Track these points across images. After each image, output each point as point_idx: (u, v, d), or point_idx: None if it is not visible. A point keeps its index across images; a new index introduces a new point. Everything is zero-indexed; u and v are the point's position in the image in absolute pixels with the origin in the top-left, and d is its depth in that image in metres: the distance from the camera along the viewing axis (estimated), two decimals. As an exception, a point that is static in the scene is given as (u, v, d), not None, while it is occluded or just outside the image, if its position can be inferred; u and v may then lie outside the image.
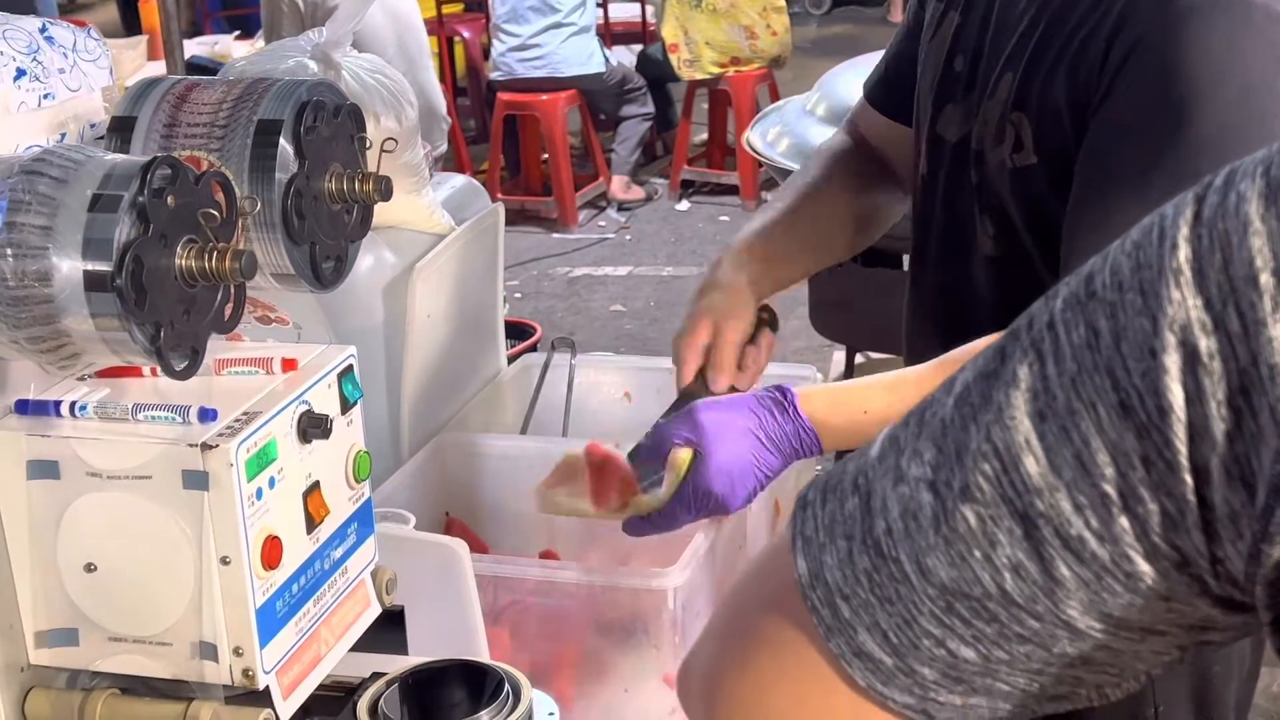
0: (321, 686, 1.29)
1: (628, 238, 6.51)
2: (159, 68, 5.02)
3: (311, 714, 1.29)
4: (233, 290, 1.08)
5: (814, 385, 1.45)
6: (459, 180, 2.00)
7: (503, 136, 6.75)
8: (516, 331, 3.48)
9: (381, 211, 1.77)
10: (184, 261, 1.02)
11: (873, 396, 1.43)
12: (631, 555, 1.74)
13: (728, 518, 1.53)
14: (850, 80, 3.17)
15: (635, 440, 1.52)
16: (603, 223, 6.71)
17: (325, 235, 1.22)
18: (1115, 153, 1.33)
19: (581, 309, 5.65)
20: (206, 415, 1.11)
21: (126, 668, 1.16)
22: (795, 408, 1.41)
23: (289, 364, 1.20)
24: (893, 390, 1.43)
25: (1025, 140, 1.40)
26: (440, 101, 5.18)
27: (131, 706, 1.17)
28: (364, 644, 1.33)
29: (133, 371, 1.17)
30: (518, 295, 5.79)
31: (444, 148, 5.16)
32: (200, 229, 1.03)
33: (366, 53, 5.45)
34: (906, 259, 3.49)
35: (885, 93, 1.75)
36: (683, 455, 1.41)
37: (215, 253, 1.02)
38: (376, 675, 1.31)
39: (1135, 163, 1.31)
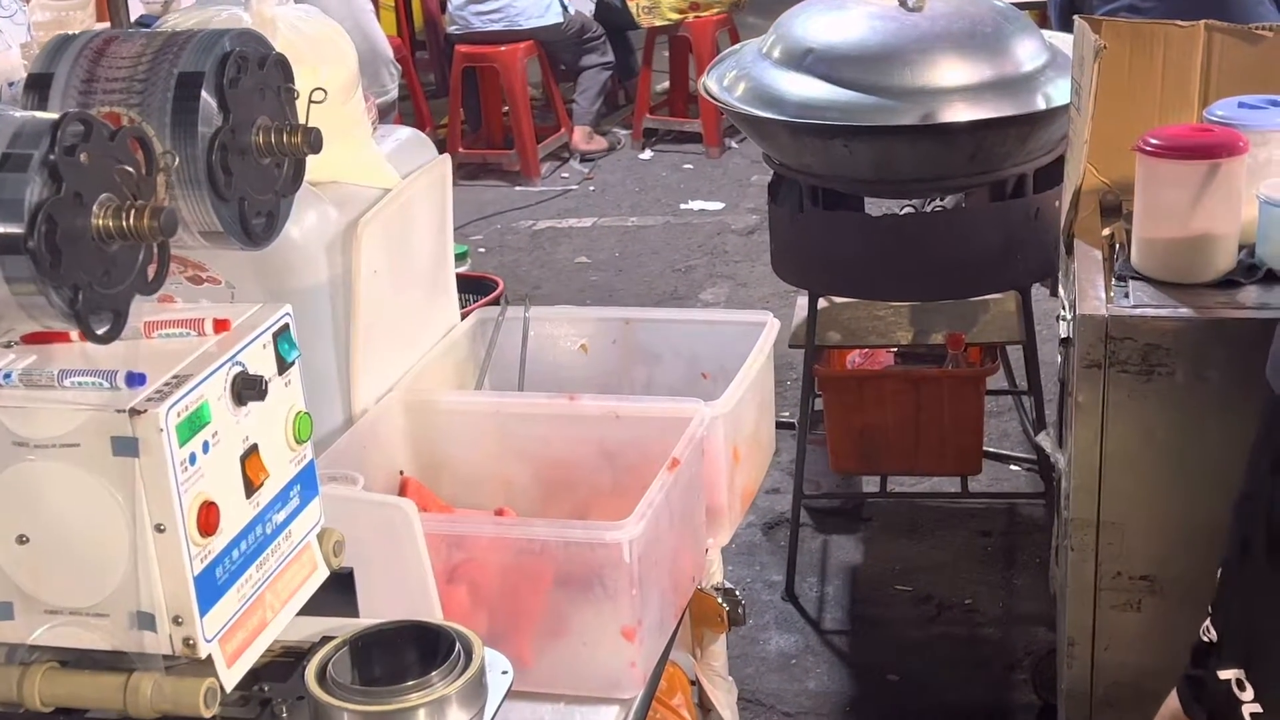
0: (270, 652, 1.27)
1: (591, 189, 6.46)
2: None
3: (261, 679, 1.26)
4: (155, 250, 1.05)
5: None
6: (404, 133, 1.96)
7: (462, 90, 6.66)
8: (478, 286, 3.44)
9: (324, 166, 1.73)
10: (101, 221, 0.99)
11: None
12: (590, 509, 1.71)
13: (676, 465, 1.51)
14: (806, 22, 3.12)
15: (588, 394, 1.49)
16: (565, 174, 6.65)
17: (254, 190, 1.19)
18: None
19: (546, 262, 5.60)
20: (135, 380, 1.08)
21: (65, 640, 1.13)
22: None
23: (221, 325, 1.17)
24: None
25: None
26: (385, 45, 5.11)
27: (72, 679, 1.15)
28: (314, 607, 1.30)
29: (60, 337, 1.13)
30: (481, 250, 5.74)
31: (394, 93, 5.09)
32: (117, 187, 1.00)
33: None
34: (867, 202, 3.46)
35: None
36: None
37: (133, 211, 0.99)
38: (326, 639, 1.29)
39: None
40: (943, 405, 3.16)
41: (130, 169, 0.99)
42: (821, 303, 3.33)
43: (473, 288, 3.56)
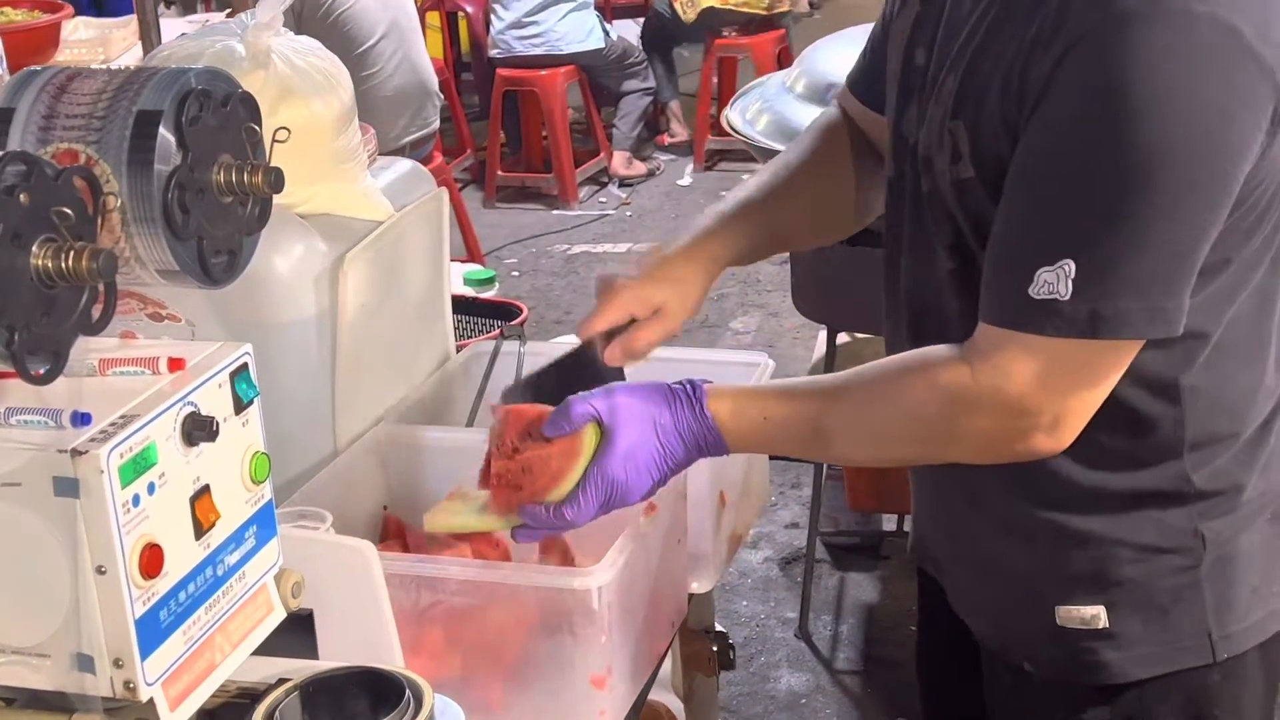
0: (225, 692, 1.26)
1: (628, 214, 6.46)
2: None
3: (216, 720, 1.26)
4: (101, 290, 1.04)
5: (724, 385, 1.40)
6: (403, 165, 1.95)
7: (503, 113, 6.69)
8: (503, 312, 3.44)
9: (314, 199, 1.73)
10: (40, 262, 0.98)
11: (771, 405, 1.37)
12: (575, 551, 1.69)
13: (654, 510, 1.49)
14: (830, 56, 3.11)
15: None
16: (603, 199, 6.65)
17: (214, 229, 1.18)
18: (1045, 163, 1.24)
19: (579, 287, 5.60)
20: (80, 419, 1.07)
21: (7, 679, 1.12)
22: (702, 405, 1.36)
23: (176, 364, 1.16)
24: (789, 401, 1.38)
25: (963, 150, 1.32)
26: (432, 78, 5.13)
27: (15, 719, 1.14)
28: (274, 648, 1.29)
29: (11, 374, 1.13)
30: (515, 273, 5.75)
31: (436, 124, 5.11)
32: (57, 228, 0.99)
33: (357, 30, 5.42)
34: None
35: (865, 80, 1.64)
36: (587, 437, 1.35)
37: (73, 252, 0.98)
38: (282, 680, 1.27)
39: (1064, 176, 1.23)
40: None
41: (68, 210, 0.98)
42: (843, 337, 3.30)
43: (498, 313, 3.55)
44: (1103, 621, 1.40)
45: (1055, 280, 1.22)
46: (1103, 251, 1.22)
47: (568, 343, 2.19)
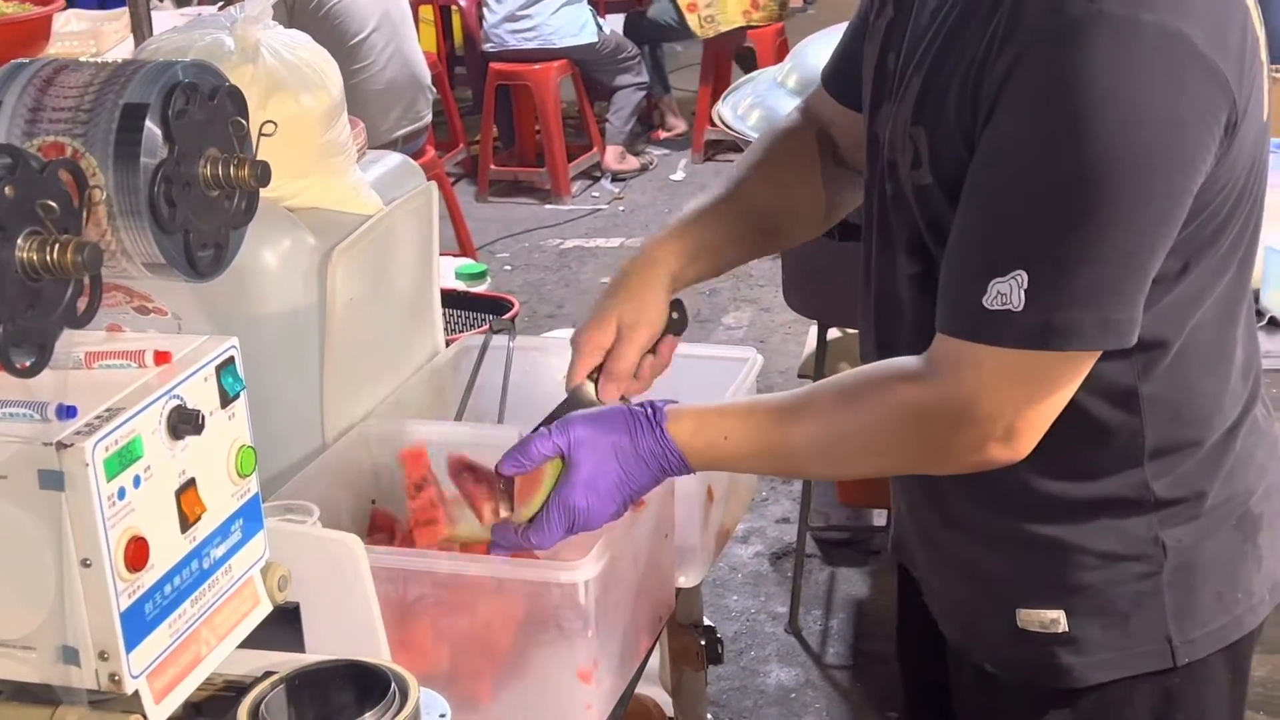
0: (211, 685, 1.26)
1: (621, 209, 6.46)
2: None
3: (202, 714, 1.26)
4: (86, 283, 1.04)
5: (685, 405, 1.39)
6: (393, 159, 1.95)
7: (496, 107, 6.68)
8: (495, 306, 3.44)
9: (303, 192, 1.73)
10: (25, 255, 0.98)
11: (731, 424, 1.37)
12: (564, 546, 1.69)
13: (642, 505, 1.49)
14: (822, 51, 3.10)
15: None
16: (596, 194, 6.65)
17: (201, 223, 1.18)
18: (997, 173, 1.23)
19: (571, 281, 5.60)
20: (65, 412, 1.07)
21: (-9, 671, 1.12)
22: (662, 428, 1.35)
23: (162, 357, 1.16)
24: (749, 419, 1.37)
25: (923, 156, 1.31)
26: (425, 72, 5.12)
27: (-1, 711, 1.14)
28: (261, 641, 1.29)
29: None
30: (507, 268, 5.75)
31: (429, 118, 5.10)
32: (43, 221, 0.99)
33: (349, 23, 5.40)
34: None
35: (839, 78, 1.63)
36: (549, 467, 1.37)
37: (57, 245, 0.98)
38: (268, 674, 1.27)
39: (1015, 186, 1.22)
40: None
41: (52, 203, 0.98)
42: (834, 333, 3.31)
43: (489, 307, 3.55)
44: (1063, 625, 1.40)
45: (1009, 291, 1.22)
46: (1055, 263, 1.21)
47: (559, 336, 2.19)
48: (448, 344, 2.01)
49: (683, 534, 1.69)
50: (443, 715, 1.25)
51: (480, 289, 3.73)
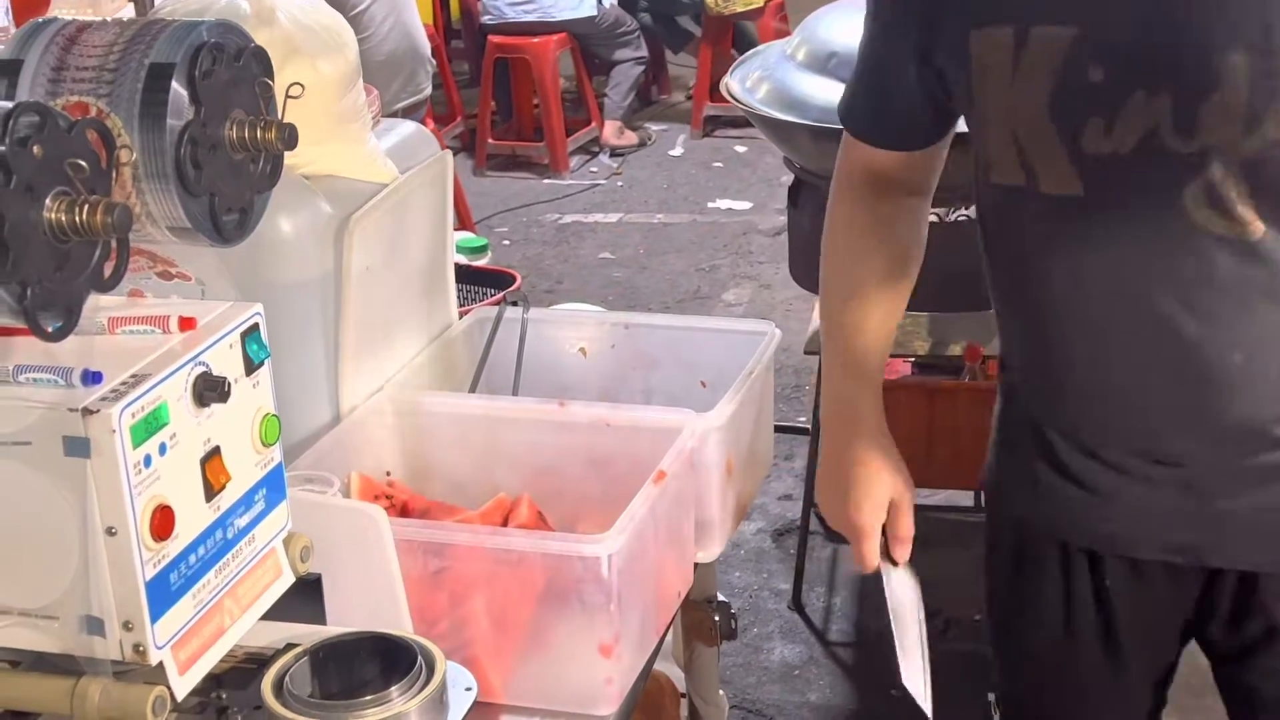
0: (233, 657, 1.24)
1: (619, 184, 6.42)
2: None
3: (223, 685, 1.24)
4: (113, 246, 1.02)
5: None
6: (407, 128, 1.93)
7: (494, 81, 6.64)
8: (497, 280, 3.41)
9: (319, 160, 1.71)
10: (53, 215, 0.96)
11: None
12: (579, 519, 1.68)
13: (662, 478, 1.47)
14: (831, 24, 3.08)
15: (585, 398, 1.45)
16: (594, 169, 6.61)
17: (226, 186, 1.16)
18: None
19: (569, 257, 5.57)
20: (91, 378, 1.05)
21: (13, 641, 1.10)
22: None
23: (187, 323, 1.14)
24: None
25: None
26: (425, 44, 5.08)
27: (20, 682, 1.12)
28: (282, 612, 1.27)
29: (21, 330, 1.10)
30: (505, 242, 5.71)
31: (429, 90, 5.06)
32: (72, 181, 0.96)
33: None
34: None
35: (877, 121, 1.53)
36: None
37: (86, 206, 0.96)
38: (290, 646, 1.26)
39: None
40: (957, 417, 3.11)
41: (81, 162, 0.96)
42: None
43: (492, 281, 3.52)
44: None
45: None
46: None
47: (570, 309, 2.17)
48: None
49: (703, 507, 1.67)
50: (469, 689, 1.23)
51: (481, 262, 3.70)
